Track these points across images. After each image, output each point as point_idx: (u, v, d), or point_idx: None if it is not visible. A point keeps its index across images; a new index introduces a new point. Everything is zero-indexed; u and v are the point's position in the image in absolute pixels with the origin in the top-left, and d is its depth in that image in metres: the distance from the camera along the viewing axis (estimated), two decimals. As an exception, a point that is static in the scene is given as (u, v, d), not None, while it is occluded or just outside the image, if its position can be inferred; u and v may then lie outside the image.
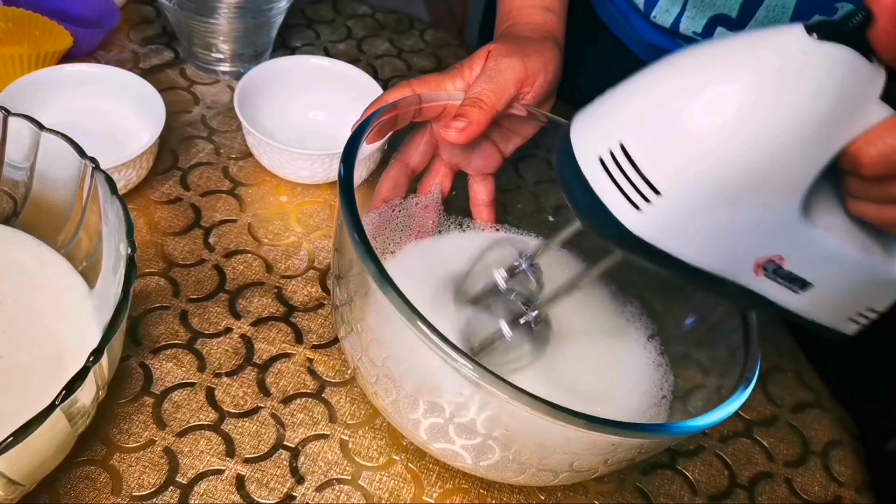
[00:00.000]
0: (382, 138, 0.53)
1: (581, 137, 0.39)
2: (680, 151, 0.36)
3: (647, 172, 0.36)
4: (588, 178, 0.38)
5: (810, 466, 0.59)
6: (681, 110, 0.36)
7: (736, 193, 0.36)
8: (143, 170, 0.63)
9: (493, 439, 0.44)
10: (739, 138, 0.34)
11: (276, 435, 0.53)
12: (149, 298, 0.58)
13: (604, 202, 0.38)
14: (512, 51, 0.55)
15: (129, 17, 0.81)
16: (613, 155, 0.37)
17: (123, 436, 0.51)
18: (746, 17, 0.63)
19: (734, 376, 0.49)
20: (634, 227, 0.38)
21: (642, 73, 0.38)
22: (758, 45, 0.35)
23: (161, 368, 0.55)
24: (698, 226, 0.37)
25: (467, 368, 0.39)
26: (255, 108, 0.69)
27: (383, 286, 0.41)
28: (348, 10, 0.89)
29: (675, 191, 0.36)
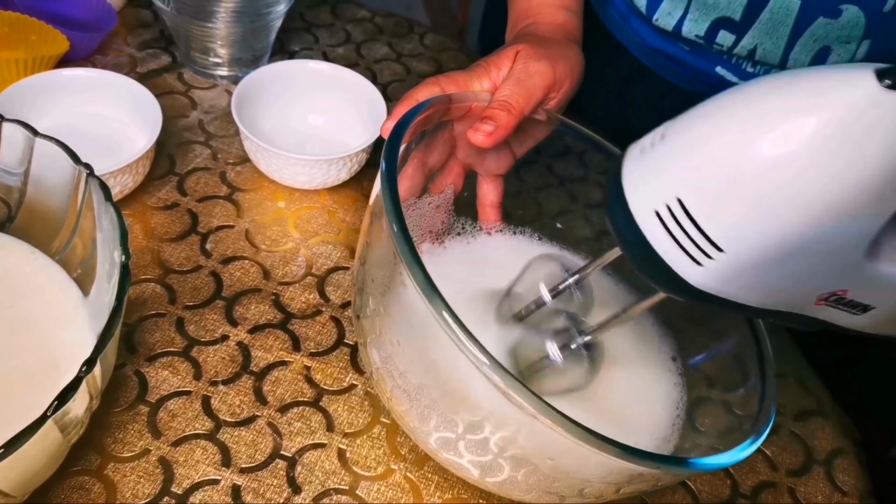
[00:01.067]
0: (412, 139, 0.52)
1: (635, 189, 0.38)
2: (741, 207, 0.34)
3: (708, 230, 0.35)
4: (645, 233, 0.37)
5: (813, 475, 0.58)
6: (740, 165, 0.34)
7: (800, 247, 0.35)
8: (140, 175, 0.63)
9: (504, 458, 0.43)
10: (804, 195, 0.33)
11: (273, 444, 0.52)
12: (144, 305, 0.58)
13: (663, 258, 0.37)
14: (541, 55, 0.54)
15: (126, 21, 0.80)
16: (671, 209, 0.36)
17: (118, 445, 0.51)
18: (750, 19, 0.62)
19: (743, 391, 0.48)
20: (696, 282, 0.37)
21: (695, 118, 0.36)
22: (823, 92, 0.32)
23: (156, 376, 0.54)
24: (761, 277, 0.36)
25: (515, 392, 0.38)
26: (253, 112, 0.68)
27: (432, 300, 0.39)
28: (347, 14, 0.88)
29: (737, 247, 0.35)
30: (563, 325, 0.49)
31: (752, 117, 0.34)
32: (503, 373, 0.38)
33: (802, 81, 0.33)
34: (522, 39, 0.57)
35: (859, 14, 0.59)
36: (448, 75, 0.54)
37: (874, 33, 0.60)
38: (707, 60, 0.68)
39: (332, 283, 0.62)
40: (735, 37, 0.64)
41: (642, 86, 0.76)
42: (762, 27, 0.62)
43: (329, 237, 0.65)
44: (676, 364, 0.55)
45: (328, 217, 0.67)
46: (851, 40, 0.61)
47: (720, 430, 0.50)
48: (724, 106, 0.36)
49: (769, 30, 0.62)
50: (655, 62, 0.73)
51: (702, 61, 0.69)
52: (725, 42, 0.65)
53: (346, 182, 0.68)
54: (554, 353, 0.47)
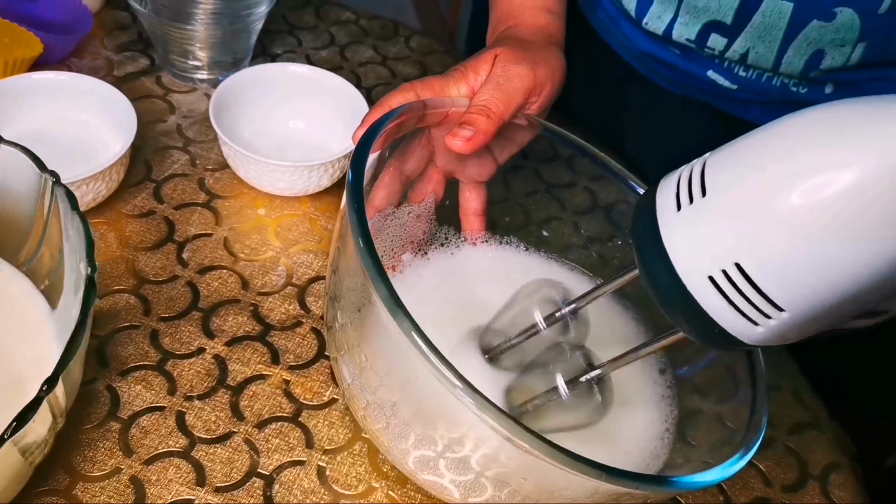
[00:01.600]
0: (386, 146, 0.50)
1: (683, 253, 0.36)
2: (806, 267, 0.32)
3: (770, 292, 0.33)
4: (697, 298, 0.35)
5: (808, 491, 0.56)
6: (804, 223, 0.32)
7: (858, 294, 0.33)
8: (114, 182, 0.61)
9: (486, 478, 0.41)
10: (873, 248, 0.31)
11: (250, 462, 0.50)
12: (117, 317, 0.56)
13: (717, 321, 0.35)
14: (520, 57, 0.53)
15: (103, 23, 0.78)
16: (728, 274, 0.34)
17: (87, 464, 0.49)
18: (742, 23, 0.61)
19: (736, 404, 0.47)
20: (753, 340, 0.36)
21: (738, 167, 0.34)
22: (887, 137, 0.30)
23: (129, 391, 0.52)
24: (815, 325, 0.35)
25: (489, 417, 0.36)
26: (232, 117, 0.66)
27: (400, 322, 0.37)
28: (332, 16, 0.86)
29: (800, 305, 0.33)
30: (569, 357, 0.46)
31: (806, 166, 0.32)
32: (477, 396, 0.36)
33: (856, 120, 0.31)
34: (502, 43, 0.55)
35: (854, 16, 0.57)
36: (424, 80, 0.52)
37: (869, 35, 0.59)
38: (698, 64, 0.67)
39: (313, 294, 0.60)
40: (726, 40, 0.63)
41: (633, 90, 0.74)
42: (754, 31, 0.61)
43: (310, 245, 0.63)
44: (665, 377, 0.53)
45: (309, 225, 0.65)
46: (846, 43, 0.59)
47: (712, 443, 0.48)
48: (770, 150, 0.33)
49: (761, 33, 0.61)
50: (646, 66, 0.71)
51: (693, 65, 0.67)
52: (717, 46, 0.64)
53: (328, 189, 0.66)
54: (563, 387, 0.44)
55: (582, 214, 0.61)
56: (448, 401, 0.37)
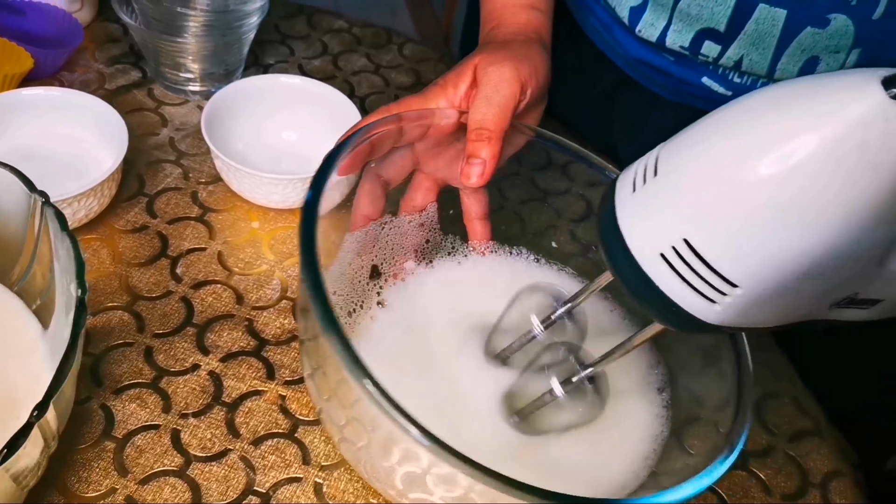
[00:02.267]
0: (357, 170, 0.50)
1: (635, 232, 0.36)
2: (755, 240, 0.32)
3: (721, 268, 0.34)
4: (652, 277, 0.36)
5: (809, 499, 0.56)
6: (749, 196, 0.32)
7: (817, 268, 0.33)
8: (106, 198, 0.60)
9: (476, 493, 0.41)
10: (819, 219, 0.31)
11: (246, 480, 0.50)
12: (111, 334, 0.55)
13: (674, 300, 0.35)
14: (501, 58, 0.52)
15: (94, 36, 0.78)
16: (678, 251, 0.34)
17: (82, 485, 0.48)
18: (735, 30, 0.61)
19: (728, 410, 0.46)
20: (712, 319, 0.35)
21: (688, 146, 0.34)
22: (831, 110, 0.30)
23: (123, 410, 0.52)
24: (778, 303, 0.35)
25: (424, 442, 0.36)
26: (225, 129, 0.66)
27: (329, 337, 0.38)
28: (324, 25, 0.86)
29: (753, 281, 0.33)
30: (563, 357, 0.46)
31: (756, 142, 0.32)
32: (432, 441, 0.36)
33: (805, 96, 0.31)
34: (481, 49, 0.55)
35: (848, 23, 0.57)
36: (400, 101, 0.52)
37: (863, 42, 0.58)
38: (692, 71, 0.66)
39: (308, 307, 0.60)
40: (720, 48, 0.62)
41: (627, 97, 0.74)
42: (748, 38, 0.60)
43: (305, 258, 0.63)
44: (662, 396, 0.53)
45: (304, 237, 0.64)
46: (840, 49, 0.59)
47: (708, 450, 0.48)
48: (719, 130, 0.33)
49: (755, 40, 0.60)
50: (640, 73, 0.71)
51: (687, 72, 0.67)
52: (710, 53, 0.63)
53: (323, 200, 0.66)
54: (557, 388, 0.45)
55: (578, 222, 0.60)
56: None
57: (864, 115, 0.29)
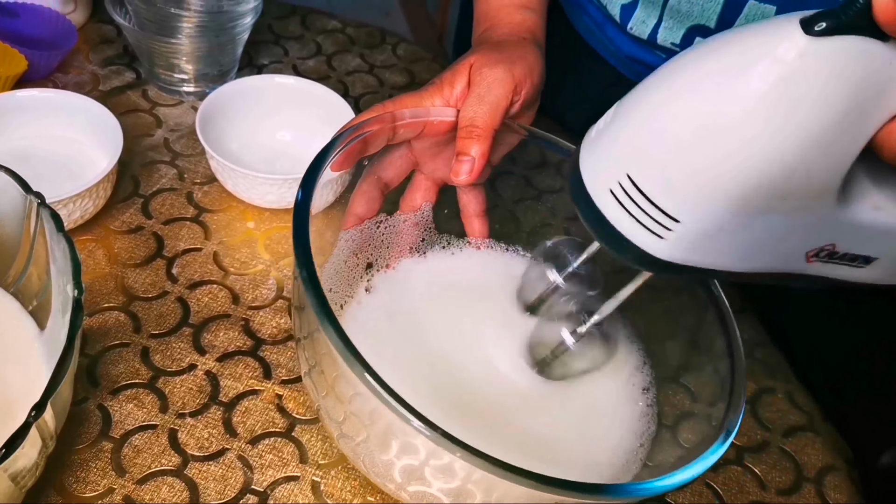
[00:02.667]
0: (350, 166, 0.50)
1: (589, 170, 0.39)
2: (686, 175, 0.34)
3: (660, 202, 0.35)
4: (604, 213, 0.38)
5: (804, 494, 0.56)
6: (680, 134, 0.34)
7: (759, 206, 0.34)
8: (101, 199, 0.60)
9: (473, 483, 0.41)
10: (749, 155, 0.33)
11: (244, 479, 0.50)
12: (107, 335, 0.55)
13: (625, 235, 0.37)
14: (495, 60, 0.53)
15: (87, 38, 0.78)
16: (623, 187, 0.36)
17: (80, 485, 0.48)
18: (725, 26, 0.61)
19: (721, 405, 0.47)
20: (663, 255, 0.37)
21: (638, 93, 0.37)
22: (751, 50, 0.32)
23: (120, 410, 0.52)
24: (729, 241, 0.36)
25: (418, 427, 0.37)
26: (219, 130, 0.66)
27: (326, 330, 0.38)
28: (318, 25, 0.86)
29: (692, 216, 0.35)
30: (574, 308, 0.49)
31: (686, 85, 0.34)
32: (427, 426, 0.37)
33: (731, 41, 0.33)
34: (476, 49, 0.55)
35: (838, 18, 0.57)
36: (396, 99, 0.52)
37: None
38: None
39: (304, 307, 0.60)
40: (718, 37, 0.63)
41: (619, 94, 0.73)
42: (739, 33, 0.61)
43: (300, 258, 0.63)
44: (647, 395, 0.53)
45: (299, 237, 0.64)
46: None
47: (699, 444, 0.48)
48: (663, 78, 0.36)
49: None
50: (632, 70, 0.71)
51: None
52: (702, 49, 0.64)
53: (318, 200, 0.66)
54: (567, 338, 0.48)
55: (573, 220, 0.60)
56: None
57: (781, 52, 0.31)
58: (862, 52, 0.30)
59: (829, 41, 0.30)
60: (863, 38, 0.30)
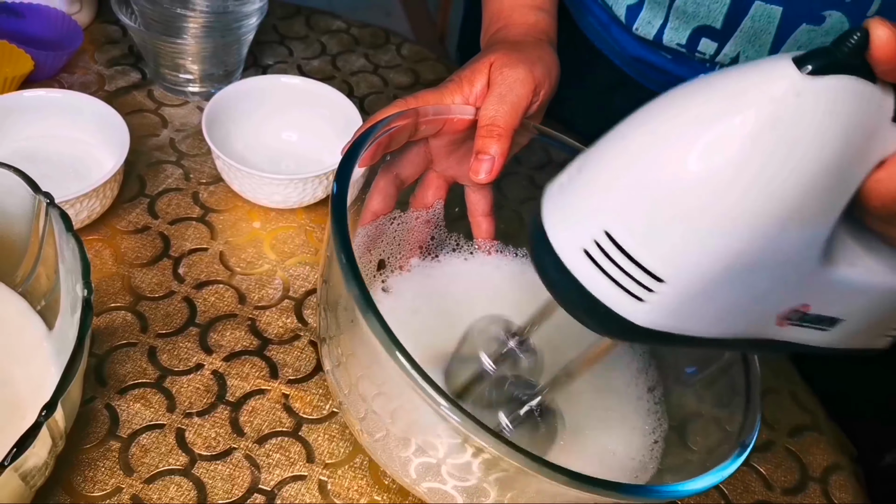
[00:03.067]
0: (375, 161, 0.50)
1: (558, 229, 0.35)
2: (675, 230, 0.31)
3: (644, 260, 0.32)
4: (577, 275, 0.34)
5: (809, 493, 0.56)
6: (666, 184, 0.31)
7: (747, 263, 0.32)
8: (108, 199, 0.60)
9: (488, 482, 0.41)
10: (741, 206, 0.30)
11: (251, 478, 0.50)
12: (114, 335, 0.56)
13: (601, 300, 0.34)
14: (516, 60, 0.52)
15: (93, 38, 0.78)
16: (601, 246, 0.33)
17: (88, 484, 0.48)
18: (731, 27, 0.61)
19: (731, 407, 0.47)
20: (642, 321, 0.34)
21: (610, 141, 0.34)
22: (743, 91, 0.30)
23: (128, 410, 0.52)
24: (711, 304, 0.33)
25: (456, 420, 0.36)
26: (225, 130, 0.66)
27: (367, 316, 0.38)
28: (322, 25, 0.86)
29: (678, 274, 0.32)
30: (512, 391, 0.46)
31: (670, 130, 0.31)
32: (462, 414, 0.36)
33: (719, 83, 0.31)
34: (494, 48, 0.55)
35: (843, 20, 0.57)
36: (417, 95, 0.52)
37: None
38: (689, 68, 0.67)
39: (310, 307, 0.60)
40: (717, 45, 0.63)
41: (624, 95, 0.74)
42: (744, 35, 0.61)
43: (306, 258, 0.63)
44: (654, 394, 0.53)
45: (305, 237, 0.65)
46: (836, 46, 0.59)
47: (710, 446, 0.48)
48: (641, 123, 0.33)
49: (751, 37, 0.61)
50: (637, 71, 0.71)
51: (684, 69, 0.67)
52: (707, 50, 0.64)
53: (323, 200, 0.66)
54: (505, 423, 0.45)
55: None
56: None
57: (775, 91, 0.29)
58: (856, 92, 0.29)
59: (824, 80, 0.29)
60: (856, 79, 0.29)
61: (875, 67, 0.29)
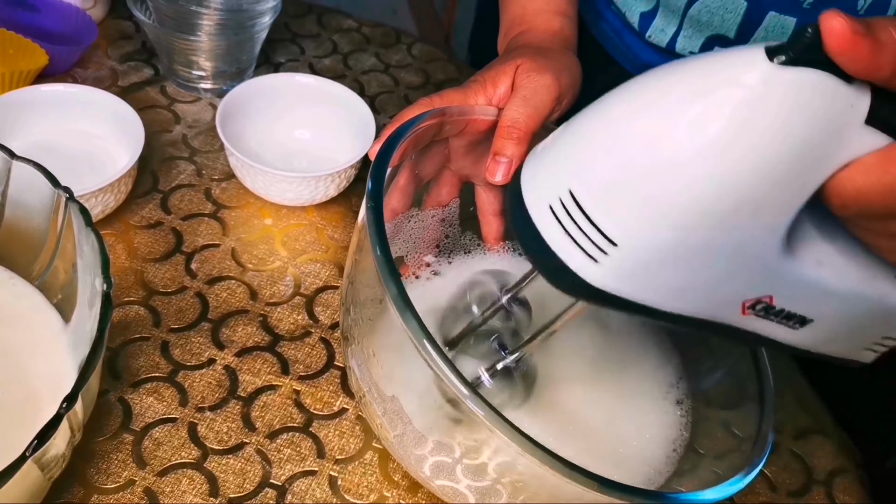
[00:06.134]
0: (403, 160, 0.50)
1: (529, 184, 0.37)
2: (632, 198, 0.32)
3: (600, 222, 0.33)
4: (540, 230, 0.36)
5: (814, 496, 0.57)
6: (630, 151, 0.32)
7: (701, 240, 0.32)
8: (122, 194, 0.61)
9: (502, 484, 0.42)
10: (697, 182, 0.31)
11: (262, 472, 0.51)
12: (128, 329, 0.56)
13: (559, 255, 0.35)
14: (543, 67, 0.52)
15: (107, 33, 0.78)
16: (564, 203, 0.34)
17: (101, 476, 0.49)
18: (744, 37, 0.61)
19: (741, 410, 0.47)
20: (594, 281, 0.35)
21: (592, 108, 0.35)
22: (715, 74, 0.31)
23: (141, 403, 0.53)
24: (665, 275, 0.34)
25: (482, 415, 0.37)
26: (238, 127, 0.67)
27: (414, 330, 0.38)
28: (333, 24, 0.87)
29: (631, 241, 0.33)
30: (493, 345, 0.48)
31: (641, 105, 0.32)
32: (486, 407, 0.36)
33: (695, 65, 0.32)
34: (520, 52, 0.55)
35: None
36: (442, 94, 0.52)
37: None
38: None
39: (321, 304, 0.60)
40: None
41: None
42: (757, 44, 0.61)
43: (317, 255, 0.64)
44: (682, 407, 0.53)
45: (316, 234, 0.65)
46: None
47: (718, 451, 0.49)
48: (617, 98, 0.34)
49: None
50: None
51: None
52: (720, 58, 0.64)
53: (335, 198, 0.67)
54: (484, 376, 0.47)
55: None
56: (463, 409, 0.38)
57: (745, 77, 0.29)
58: (826, 87, 0.29)
59: (793, 71, 0.29)
60: (828, 74, 0.29)
61: (834, 60, 0.28)
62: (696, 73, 0.31)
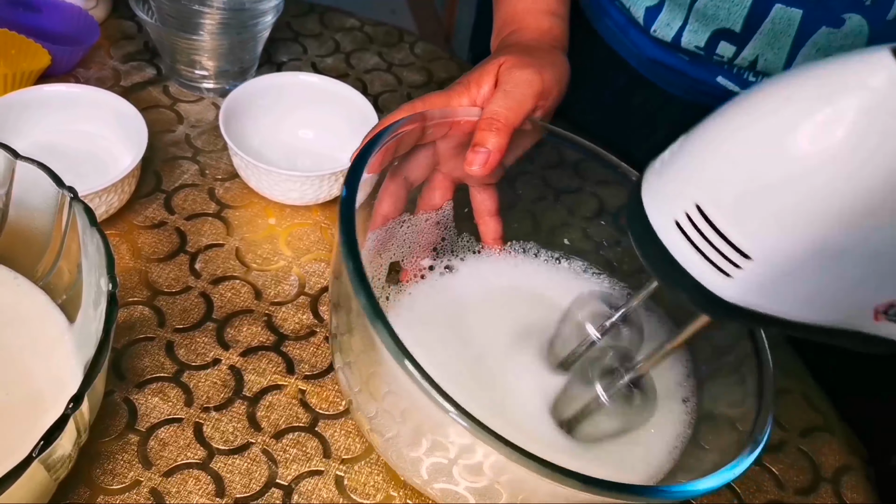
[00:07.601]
0: (384, 166, 0.50)
1: (653, 199, 0.36)
2: (763, 209, 0.32)
3: (731, 236, 0.33)
4: (668, 247, 0.36)
5: (821, 493, 0.57)
6: (760, 165, 0.32)
7: (838, 249, 0.32)
8: (126, 194, 0.61)
9: (500, 484, 0.42)
10: (833, 191, 0.31)
11: (269, 472, 0.51)
12: (132, 329, 0.56)
13: (689, 272, 0.35)
14: (526, 63, 0.52)
15: (109, 34, 0.78)
16: (691, 218, 0.34)
17: (107, 477, 0.49)
18: (751, 30, 0.61)
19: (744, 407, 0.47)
20: (728, 296, 0.35)
21: (711, 122, 0.35)
22: (841, 79, 0.30)
23: (146, 403, 0.52)
24: (800, 285, 0.34)
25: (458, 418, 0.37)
26: (241, 126, 0.66)
27: (375, 324, 0.38)
28: (336, 23, 0.86)
29: (765, 253, 0.33)
30: (611, 364, 0.46)
31: (768, 114, 0.32)
32: (468, 418, 0.37)
33: (819, 73, 0.31)
34: (505, 50, 0.55)
35: (863, 23, 0.58)
36: (424, 98, 0.52)
37: (878, 41, 0.59)
38: (707, 71, 0.67)
39: (326, 303, 0.60)
40: (736, 48, 0.63)
41: (640, 97, 0.75)
42: (763, 38, 0.61)
43: (321, 254, 0.63)
44: (687, 405, 0.53)
45: (320, 233, 0.65)
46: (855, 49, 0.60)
47: (722, 446, 0.49)
48: (740, 108, 0.34)
49: (770, 40, 0.61)
50: (654, 73, 0.71)
51: (702, 71, 0.67)
52: (726, 53, 0.64)
53: (338, 197, 0.66)
54: (601, 393, 0.45)
55: (590, 220, 0.61)
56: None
57: (873, 80, 0.29)
58: None
59: None
60: None
61: None
62: (822, 80, 0.31)
